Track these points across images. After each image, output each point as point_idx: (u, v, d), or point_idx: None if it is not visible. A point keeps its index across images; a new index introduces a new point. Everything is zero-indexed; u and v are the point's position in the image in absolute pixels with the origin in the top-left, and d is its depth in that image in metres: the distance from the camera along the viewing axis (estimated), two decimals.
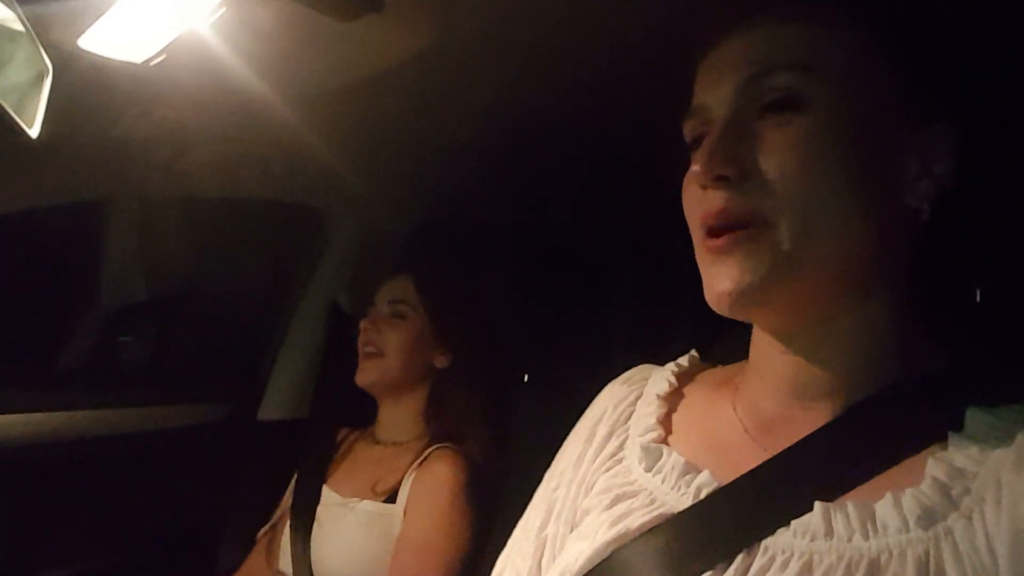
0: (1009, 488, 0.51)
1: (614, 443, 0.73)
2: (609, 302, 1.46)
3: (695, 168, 0.62)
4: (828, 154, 0.59)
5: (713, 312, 0.65)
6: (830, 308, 0.61)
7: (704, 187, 0.62)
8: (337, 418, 1.60)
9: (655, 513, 0.63)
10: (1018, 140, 0.73)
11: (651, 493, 0.65)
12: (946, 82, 0.65)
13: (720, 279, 0.61)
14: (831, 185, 0.59)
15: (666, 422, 0.72)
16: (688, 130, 0.68)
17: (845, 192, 0.59)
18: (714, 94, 0.64)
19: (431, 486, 1.31)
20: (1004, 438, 0.54)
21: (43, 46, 0.77)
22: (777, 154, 0.59)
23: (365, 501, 1.35)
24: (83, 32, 0.85)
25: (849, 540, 0.54)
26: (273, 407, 1.70)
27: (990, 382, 0.59)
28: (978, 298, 0.76)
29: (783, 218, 0.58)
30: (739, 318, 0.65)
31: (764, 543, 0.57)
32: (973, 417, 0.56)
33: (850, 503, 0.55)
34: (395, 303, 1.46)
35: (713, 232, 0.61)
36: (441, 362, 1.46)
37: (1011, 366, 0.61)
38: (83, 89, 0.97)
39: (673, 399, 0.74)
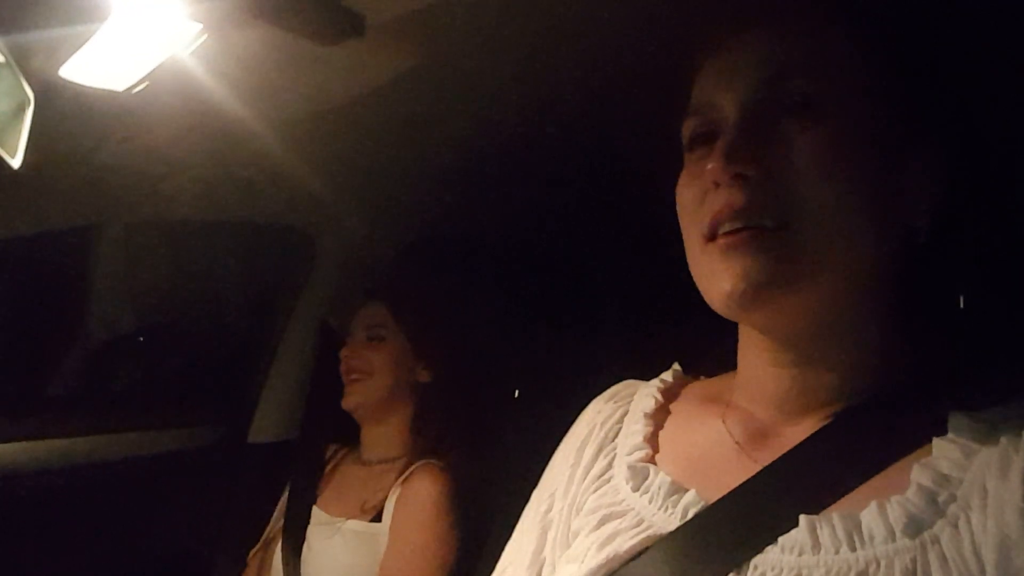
0: (995, 494, 0.51)
1: (602, 462, 0.72)
2: (598, 316, 1.47)
3: (711, 165, 0.60)
4: (847, 163, 0.59)
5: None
6: (828, 316, 0.61)
7: (718, 184, 0.60)
8: (326, 435, 1.61)
9: (643, 535, 0.63)
10: (1006, 169, 0.74)
11: (638, 513, 0.65)
12: (944, 110, 0.65)
13: (730, 275, 0.59)
14: (849, 194, 0.58)
15: (653, 440, 0.71)
16: (689, 128, 0.66)
17: (859, 203, 0.59)
18: (726, 93, 0.63)
19: (414, 503, 1.32)
20: (987, 441, 0.54)
21: (24, 76, 0.78)
22: (801, 156, 0.58)
23: (351, 520, 1.37)
24: (64, 61, 0.85)
25: (836, 552, 0.53)
26: (264, 428, 1.70)
27: (973, 385, 0.59)
28: (961, 303, 0.76)
29: (802, 221, 0.58)
30: (740, 319, 0.64)
31: (753, 561, 0.56)
32: (957, 421, 0.56)
33: (835, 514, 0.55)
34: (372, 328, 1.48)
35: (724, 231, 0.60)
36: (423, 377, 1.47)
37: (993, 368, 0.61)
38: (65, 117, 0.97)
39: (659, 416, 0.73)
